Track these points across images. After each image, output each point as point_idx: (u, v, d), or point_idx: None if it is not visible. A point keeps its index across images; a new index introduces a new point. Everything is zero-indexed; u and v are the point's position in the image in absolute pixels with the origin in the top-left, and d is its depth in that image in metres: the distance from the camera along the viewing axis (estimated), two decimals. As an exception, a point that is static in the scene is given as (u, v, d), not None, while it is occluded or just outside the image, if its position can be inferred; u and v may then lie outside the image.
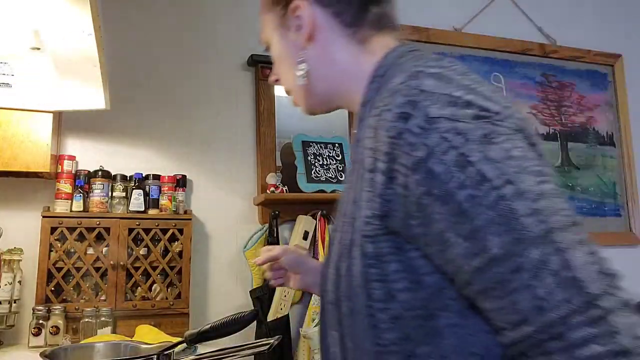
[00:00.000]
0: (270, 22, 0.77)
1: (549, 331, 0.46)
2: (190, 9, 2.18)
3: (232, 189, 2.09)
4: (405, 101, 0.54)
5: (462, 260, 0.51)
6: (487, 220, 0.49)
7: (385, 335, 0.55)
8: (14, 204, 1.84)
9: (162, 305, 1.80)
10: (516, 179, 0.49)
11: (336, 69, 0.72)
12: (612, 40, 2.83)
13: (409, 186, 0.53)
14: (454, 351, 0.53)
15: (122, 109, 1.97)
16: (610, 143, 2.75)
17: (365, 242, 0.56)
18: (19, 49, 1.29)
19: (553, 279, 0.46)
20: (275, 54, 0.78)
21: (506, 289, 0.48)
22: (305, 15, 0.71)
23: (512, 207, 0.48)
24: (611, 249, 2.75)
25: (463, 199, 0.49)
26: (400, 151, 0.53)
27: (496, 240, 0.48)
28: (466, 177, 0.49)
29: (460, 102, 0.53)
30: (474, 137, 0.50)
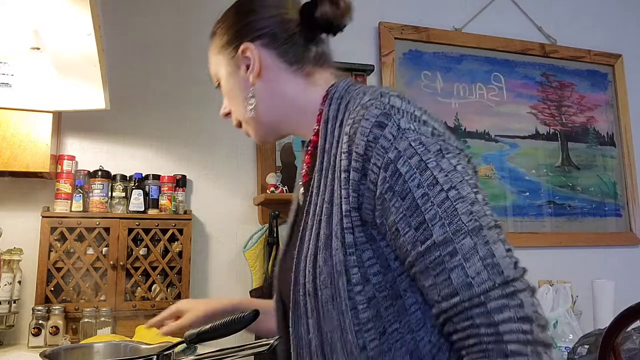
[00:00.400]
0: (221, 62, 0.87)
1: (474, 301, 0.60)
2: (190, 8, 2.18)
3: (232, 189, 2.09)
4: (380, 113, 0.67)
5: (410, 246, 0.64)
6: (434, 214, 0.63)
7: (362, 315, 0.66)
8: (13, 204, 1.84)
9: (162, 306, 1.80)
10: (459, 186, 0.64)
11: (285, 100, 0.83)
12: (612, 40, 2.83)
13: (377, 183, 0.66)
14: (419, 325, 0.66)
15: (122, 109, 1.97)
16: (611, 143, 2.75)
17: (345, 233, 0.68)
18: (19, 49, 1.29)
19: (480, 263, 0.61)
20: (225, 90, 0.87)
21: (443, 268, 0.62)
22: (254, 56, 0.82)
23: (455, 207, 0.63)
24: (611, 249, 2.77)
25: (418, 196, 0.64)
26: (374, 152, 0.66)
27: (439, 230, 0.62)
28: (423, 179, 0.64)
29: (421, 120, 0.68)
30: (432, 150, 0.66)
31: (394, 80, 2.38)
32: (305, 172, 0.85)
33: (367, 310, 0.66)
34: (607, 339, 1.09)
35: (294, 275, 0.74)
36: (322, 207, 0.73)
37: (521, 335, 0.59)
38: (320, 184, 0.75)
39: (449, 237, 0.62)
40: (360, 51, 2.36)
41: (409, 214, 0.64)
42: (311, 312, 0.70)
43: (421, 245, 0.63)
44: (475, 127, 2.50)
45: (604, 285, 2.06)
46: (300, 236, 0.76)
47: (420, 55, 2.47)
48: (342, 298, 0.67)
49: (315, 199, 0.75)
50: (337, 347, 0.67)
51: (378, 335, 0.66)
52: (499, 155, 2.52)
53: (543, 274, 2.36)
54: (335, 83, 0.83)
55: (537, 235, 2.49)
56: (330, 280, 0.68)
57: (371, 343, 0.66)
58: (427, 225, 0.63)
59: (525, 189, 2.53)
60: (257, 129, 0.87)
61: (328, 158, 0.75)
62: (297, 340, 0.72)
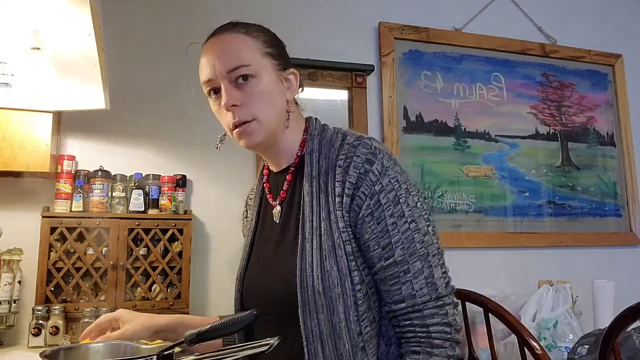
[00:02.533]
0: (265, 65, 0.94)
1: (415, 308, 0.87)
2: (190, 9, 2.18)
3: (232, 189, 2.09)
4: (368, 152, 0.89)
5: (376, 259, 0.88)
6: (398, 239, 0.87)
7: (360, 308, 0.87)
8: (13, 204, 1.84)
9: (162, 306, 1.80)
10: (417, 220, 0.88)
11: (293, 122, 0.98)
12: (612, 40, 2.83)
13: (362, 207, 0.88)
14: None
15: (122, 109, 1.97)
16: (611, 143, 2.75)
17: (345, 244, 0.89)
18: (19, 49, 1.29)
19: (424, 281, 0.87)
20: (261, 89, 0.93)
21: (398, 280, 0.87)
22: (297, 81, 0.99)
23: (413, 236, 0.87)
24: (611, 249, 2.78)
25: (389, 223, 0.87)
26: (364, 183, 0.88)
27: (400, 252, 0.87)
28: (395, 211, 0.87)
29: (394, 160, 0.91)
30: (403, 187, 0.89)
31: (394, 80, 2.38)
32: (286, 189, 0.99)
33: (363, 304, 0.88)
34: (607, 339, 1.08)
35: (299, 279, 0.89)
36: (319, 224, 0.90)
37: (443, 335, 0.86)
38: (313, 205, 0.92)
39: (405, 258, 0.86)
40: (360, 51, 2.36)
41: (380, 236, 0.87)
42: (321, 308, 0.86)
43: (385, 261, 0.87)
44: (475, 127, 2.50)
45: (604, 285, 2.06)
46: (299, 247, 0.91)
47: (420, 55, 2.47)
48: (348, 295, 0.86)
49: (309, 217, 0.91)
50: (343, 334, 0.85)
51: (369, 323, 0.88)
52: (499, 155, 2.52)
53: (543, 274, 2.36)
54: (308, 119, 1.03)
55: (537, 235, 2.49)
56: (338, 281, 0.87)
57: (366, 329, 0.87)
58: (392, 246, 0.87)
59: (525, 189, 2.53)
60: (266, 134, 0.95)
61: (317, 183, 0.92)
62: (308, 331, 0.87)
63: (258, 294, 0.99)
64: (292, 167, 0.99)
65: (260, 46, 0.95)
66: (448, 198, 2.39)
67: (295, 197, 0.97)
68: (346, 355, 0.85)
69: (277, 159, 1.01)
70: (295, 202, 0.96)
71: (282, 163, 1.01)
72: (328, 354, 0.85)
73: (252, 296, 1.01)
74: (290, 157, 1.00)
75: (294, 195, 0.98)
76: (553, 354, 1.83)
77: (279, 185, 1.01)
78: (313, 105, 2.28)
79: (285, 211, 0.98)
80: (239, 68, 0.91)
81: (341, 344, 0.85)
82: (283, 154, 1.00)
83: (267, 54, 0.95)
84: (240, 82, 0.92)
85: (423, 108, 2.43)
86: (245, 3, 2.26)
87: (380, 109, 2.35)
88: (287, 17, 2.31)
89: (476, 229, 2.40)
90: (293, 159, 0.99)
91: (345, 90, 2.27)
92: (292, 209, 0.97)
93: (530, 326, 1.91)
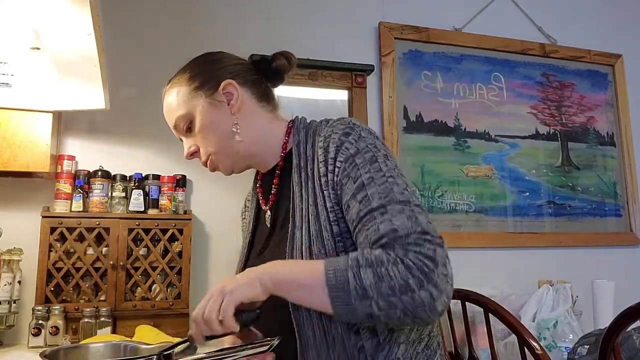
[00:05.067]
0: (195, 104, 0.97)
1: (396, 238, 0.76)
2: (189, 9, 2.18)
3: (232, 189, 2.09)
4: (346, 127, 0.89)
5: (354, 216, 0.83)
6: (375, 191, 0.81)
7: None
8: (13, 204, 1.84)
9: (162, 306, 1.80)
10: (395, 177, 0.83)
11: (257, 131, 1.00)
12: (612, 40, 2.83)
13: (338, 173, 0.86)
14: None
15: (122, 109, 1.97)
16: (611, 143, 2.75)
17: (332, 225, 0.87)
18: (19, 49, 1.29)
19: (406, 219, 0.77)
20: (202, 127, 0.97)
21: (374, 222, 0.79)
22: (236, 90, 0.98)
23: (391, 187, 0.81)
24: (611, 249, 2.77)
25: (365, 178, 0.83)
26: (340, 152, 0.86)
27: (377, 201, 0.80)
28: (372, 168, 0.84)
29: (374, 134, 0.90)
30: (381, 152, 0.86)
31: (394, 80, 2.38)
32: (274, 193, 1.00)
33: None
34: (607, 339, 1.09)
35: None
36: (307, 210, 0.90)
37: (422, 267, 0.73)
38: (302, 193, 0.92)
39: (383, 204, 0.80)
40: (360, 51, 2.36)
41: (356, 192, 0.83)
42: None
43: (362, 212, 0.81)
44: (475, 127, 2.50)
45: (604, 285, 2.06)
46: (289, 235, 0.90)
47: (420, 55, 2.47)
48: None
49: (300, 206, 0.91)
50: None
51: None
52: (499, 155, 2.52)
53: (543, 274, 2.36)
54: (294, 118, 1.03)
55: (537, 235, 2.49)
56: None
57: None
58: (368, 198, 0.81)
59: (525, 189, 2.53)
60: (229, 157, 0.99)
61: (305, 173, 0.93)
62: (297, 316, 0.85)
63: None
64: (277, 170, 1.00)
65: (186, 88, 0.98)
66: (448, 198, 2.39)
67: (284, 193, 0.98)
68: (338, 339, 0.82)
69: (263, 164, 1.03)
70: (285, 197, 0.98)
71: (269, 164, 1.03)
72: (319, 338, 0.84)
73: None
74: (275, 158, 1.01)
75: (283, 192, 0.99)
76: (553, 354, 1.83)
77: (270, 187, 1.02)
78: (313, 105, 2.31)
79: (275, 215, 1.01)
80: (177, 123, 0.99)
81: (333, 327, 0.83)
82: (266, 158, 1.02)
83: (194, 89, 0.98)
84: (187, 130, 1.00)
85: (423, 108, 2.43)
86: (246, 3, 2.26)
87: (380, 109, 2.35)
88: (287, 17, 2.31)
89: (476, 229, 2.40)
90: (277, 160, 1.01)
91: (345, 90, 2.27)
92: (282, 206, 0.99)
93: (530, 326, 1.91)
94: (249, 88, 1.00)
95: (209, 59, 1.03)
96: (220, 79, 0.98)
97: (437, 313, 0.73)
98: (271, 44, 1.07)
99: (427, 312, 0.72)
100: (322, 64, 2.19)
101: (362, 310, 0.73)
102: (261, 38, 2.23)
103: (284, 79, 1.08)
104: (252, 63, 1.05)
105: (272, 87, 1.07)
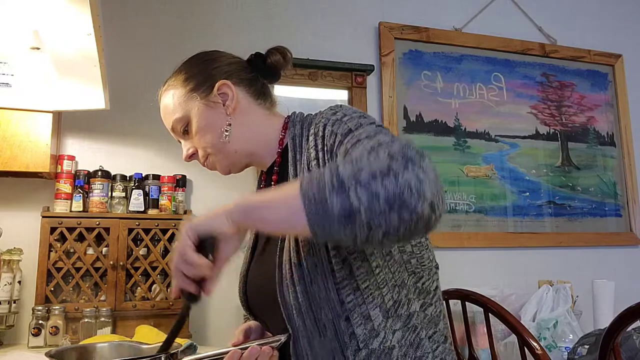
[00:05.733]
0: (191, 105, 0.97)
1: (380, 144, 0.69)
2: (190, 8, 2.18)
3: (232, 189, 2.09)
4: (332, 109, 0.89)
5: (343, 152, 0.79)
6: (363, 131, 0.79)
7: (338, 274, 0.80)
8: (13, 204, 1.84)
9: (162, 306, 1.80)
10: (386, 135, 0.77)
11: (253, 129, 0.99)
12: (612, 40, 2.83)
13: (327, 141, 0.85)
14: (384, 284, 0.82)
15: (122, 109, 1.97)
16: (611, 143, 2.75)
17: None
18: (19, 49, 1.29)
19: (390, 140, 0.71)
20: (199, 128, 0.97)
21: (360, 144, 0.75)
22: (231, 90, 0.97)
23: (380, 130, 0.79)
24: (611, 249, 2.77)
25: (353, 125, 0.82)
26: (327, 126, 0.86)
27: (365, 135, 0.77)
28: (360, 120, 0.83)
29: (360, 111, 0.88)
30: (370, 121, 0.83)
31: (394, 80, 2.38)
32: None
33: (341, 270, 0.80)
34: (607, 339, 1.08)
35: (278, 256, 0.87)
36: None
37: (410, 153, 0.66)
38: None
39: (370, 135, 0.77)
40: (360, 51, 2.36)
41: (343, 138, 0.81)
42: (298, 281, 0.82)
43: (349, 144, 0.79)
44: (475, 127, 2.50)
45: (604, 285, 2.06)
46: None
47: (420, 55, 2.47)
48: (324, 264, 0.81)
49: None
50: (324, 304, 0.80)
51: (352, 291, 0.80)
52: (499, 155, 2.52)
53: (543, 274, 2.36)
54: (291, 113, 1.02)
55: (537, 235, 2.49)
56: (313, 251, 0.82)
57: (347, 298, 0.80)
58: (356, 137, 0.79)
59: (526, 189, 2.53)
60: (227, 157, 0.99)
61: (300, 164, 0.91)
62: (287, 306, 0.83)
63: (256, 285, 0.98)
64: (275, 167, 0.99)
65: (181, 90, 0.99)
66: (448, 198, 2.39)
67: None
68: (329, 326, 0.79)
69: (262, 162, 1.03)
70: None
71: (268, 162, 1.02)
72: (310, 326, 0.81)
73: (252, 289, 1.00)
74: (273, 154, 1.01)
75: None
76: (553, 354, 1.83)
77: (271, 185, 1.01)
78: (313, 105, 2.28)
79: None
80: (174, 126, 1.00)
81: (322, 314, 0.80)
82: (264, 156, 1.01)
83: (190, 90, 0.98)
84: (184, 132, 1.00)
85: (423, 108, 2.43)
86: (246, 3, 2.26)
87: (380, 109, 2.35)
88: (287, 17, 2.31)
89: (476, 229, 2.41)
90: (274, 158, 1.00)
91: (345, 90, 2.27)
92: None
93: (530, 326, 1.91)
94: (245, 87, 1.00)
95: (203, 59, 1.03)
96: (215, 79, 0.98)
97: (426, 200, 0.62)
98: (271, 44, 1.07)
99: (416, 200, 0.61)
100: (322, 63, 2.19)
101: (341, 206, 0.62)
102: (261, 38, 2.23)
103: (280, 76, 1.07)
104: (246, 61, 1.05)
105: (268, 84, 1.07)
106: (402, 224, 0.62)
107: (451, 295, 1.61)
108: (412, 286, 0.84)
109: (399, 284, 0.83)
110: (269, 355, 0.80)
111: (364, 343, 0.79)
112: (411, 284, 0.84)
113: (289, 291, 0.83)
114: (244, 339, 0.99)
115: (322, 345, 0.80)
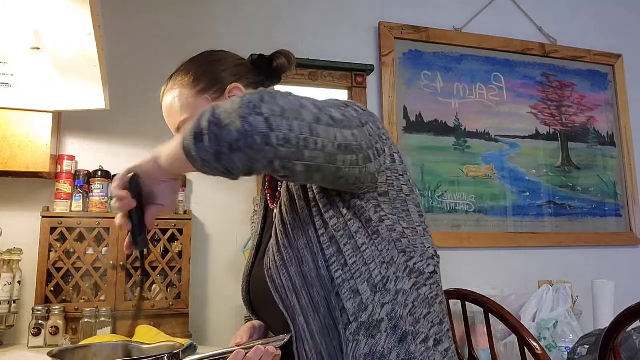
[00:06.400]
0: (199, 105, 0.96)
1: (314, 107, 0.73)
2: (191, 8, 2.18)
3: (232, 189, 2.09)
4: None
5: None
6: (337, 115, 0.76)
7: (327, 252, 0.83)
8: (13, 204, 1.84)
9: (162, 306, 1.80)
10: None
11: None
12: (612, 40, 2.83)
13: None
14: (371, 260, 0.84)
15: (122, 109, 1.97)
16: (611, 143, 2.75)
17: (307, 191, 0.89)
18: (19, 49, 1.29)
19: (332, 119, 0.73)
20: None
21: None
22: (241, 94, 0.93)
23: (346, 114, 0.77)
24: (611, 249, 2.77)
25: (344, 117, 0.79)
26: None
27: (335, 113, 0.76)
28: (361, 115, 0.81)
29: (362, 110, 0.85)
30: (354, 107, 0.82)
31: (394, 80, 2.38)
32: (280, 190, 0.98)
33: (330, 247, 0.83)
34: (607, 339, 1.09)
35: (270, 242, 0.90)
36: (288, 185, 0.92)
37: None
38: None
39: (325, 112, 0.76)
40: (360, 51, 2.36)
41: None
42: (289, 261, 0.86)
43: None
44: (475, 127, 2.50)
45: (604, 285, 2.06)
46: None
47: (420, 55, 2.47)
48: (313, 242, 0.85)
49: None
50: (316, 282, 0.83)
51: (341, 267, 0.83)
52: (499, 155, 2.52)
53: (543, 274, 2.36)
54: None
55: (537, 235, 2.49)
56: (302, 231, 0.86)
57: (336, 274, 0.82)
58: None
59: (526, 189, 2.53)
60: None
61: None
62: (280, 289, 0.86)
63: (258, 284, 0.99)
64: None
65: (189, 90, 0.98)
66: (448, 198, 2.39)
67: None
68: (322, 303, 0.83)
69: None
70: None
71: None
72: (305, 305, 0.84)
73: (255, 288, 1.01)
74: None
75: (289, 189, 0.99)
76: (553, 354, 1.83)
77: (277, 186, 1.02)
78: (313, 105, 2.30)
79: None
80: (180, 126, 0.99)
81: (315, 292, 0.83)
82: None
83: (199, 92, 0.98)
84: None
85: (423, 108, 2.43)
86: (246, 3, 2.26)
87: (380, 109, 2.35)
88: (287, 17, 2.31)
89: (476, 229, 2.41)
90: None
91: (345, 90, 2.27)
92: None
93: (530, 326, 1.91)
94: (253, 89, 1.00)
95: (210, 59, 1.03)
96: (226, 81, 0.98)
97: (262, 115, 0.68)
98: (271, 44, 1.08)
99: (251, 110, 0.69)
100: (322, 64, 2.19)
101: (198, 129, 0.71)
102: (261, 38, 2.23)
103: (282, 78, 1.09)
104: (252, 63, 1.05)
105: (271, 85, 1.08)
106: (242, 137, 0.68)
107: (451, 295, 1.61)
108: (402, 264, 0.85)
109: (387, 261, 0.84)
110: (273, 355, 0.81)
111: (354, 317, 0.81)
112: (401, 262, 0.85)
113: (279, 273, 0.86)
114: (247, 339, 0.99)
115: (317, 322, 0.83)
